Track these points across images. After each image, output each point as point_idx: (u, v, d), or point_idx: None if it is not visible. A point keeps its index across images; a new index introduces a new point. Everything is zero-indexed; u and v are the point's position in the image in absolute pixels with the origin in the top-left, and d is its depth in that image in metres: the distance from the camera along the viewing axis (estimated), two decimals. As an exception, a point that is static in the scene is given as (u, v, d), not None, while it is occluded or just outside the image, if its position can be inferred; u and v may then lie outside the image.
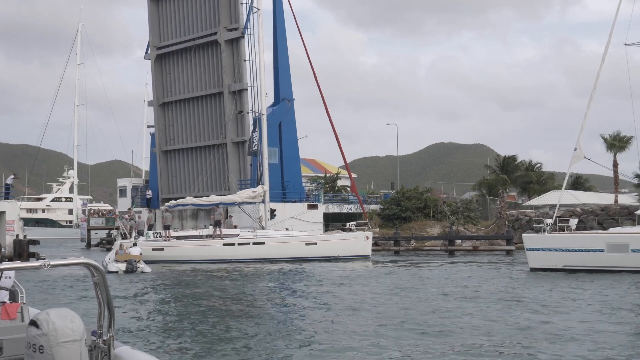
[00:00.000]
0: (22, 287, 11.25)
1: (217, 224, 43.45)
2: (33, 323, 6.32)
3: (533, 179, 75.67)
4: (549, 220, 34.47)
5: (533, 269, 32.74)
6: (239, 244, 42.05)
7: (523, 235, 35.84)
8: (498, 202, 56.52)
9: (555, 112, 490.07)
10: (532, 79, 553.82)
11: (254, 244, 42.05)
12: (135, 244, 38.47)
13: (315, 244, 42.57)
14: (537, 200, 65.50)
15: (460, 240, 51.25)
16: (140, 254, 36.62)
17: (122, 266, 34.61)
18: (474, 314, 18.68)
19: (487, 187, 72.08)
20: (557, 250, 32.46)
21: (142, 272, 34.77)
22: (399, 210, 57.19)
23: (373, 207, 62.93)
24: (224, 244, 42.05)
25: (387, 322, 17.30)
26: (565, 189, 42.67)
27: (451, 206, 58.74)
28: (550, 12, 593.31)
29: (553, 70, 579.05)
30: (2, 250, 11.04)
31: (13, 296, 10.47)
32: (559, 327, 16.44)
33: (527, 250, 33.55)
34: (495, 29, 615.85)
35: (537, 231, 35.04)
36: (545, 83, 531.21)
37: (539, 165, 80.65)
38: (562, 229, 35.46)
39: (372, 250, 44.88)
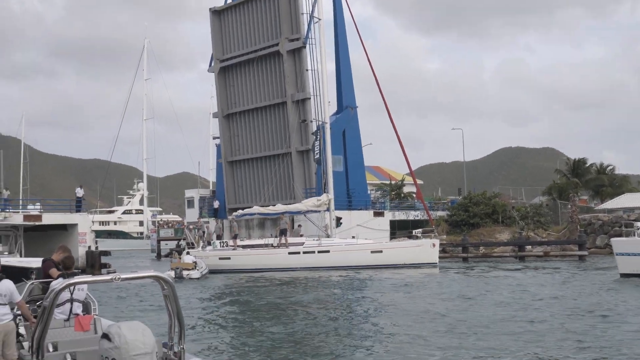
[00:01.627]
0: (94, 299, 11.42)
1: (282, 233, 43.69)
2: (105, 336, 6.37)
3: (605, 182, 73.88)
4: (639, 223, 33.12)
5: (623, 275, 31.03)
6: (304, 253, 42.11)
7: (612, 239, 34.34)
8: (569, 206, 55.30)
9: (627, 112, 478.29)
10: (601, 79, 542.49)
11: (319, 252, 42.03)
12: (188, 253, 40.93)
13: (381, 251, 42.28)
14: (610, 204, 63.84)
15: (530, 246, 50.30)
16: (194, 262, 38.58)
17: (172, 273, 36.11)
18: (582, 330, 16.91)
19: (557, 191, 70.75)
20: None
21: (190, 278, 36.50)
22: (467, 216, 56.53)
23: (440, 213, 62.34)
24: (289, 253, 42.18)
25: (471, 333, 16.92)
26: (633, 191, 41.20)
27: (520, 211, 57.78)
28: (621, 9, 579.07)
29: (623, 70, 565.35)
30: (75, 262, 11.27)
31: (86, 308, 10.58)
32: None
33: (616, 255, 31.90)
34: (562, 29, 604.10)
35: (627, 235, 33.71)
36: (615, 83, 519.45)
37: (611, 167, 78.73)
38: None
39: (440, 258, 44.38)
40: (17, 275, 10.15)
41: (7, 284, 9.88)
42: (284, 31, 56.25)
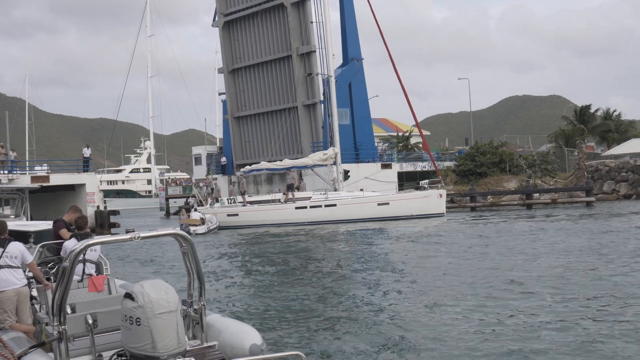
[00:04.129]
0: (106, 260, 11.48)
1: (289, 188, 43.79)
2: (128, 295, 6.38)
3: (612, 128, 73.61)
4: None
5: None
6: (311, 207, 42.21)
7: None
8: (576, 153, 55.20)
9: (633, 57, 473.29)
10: (608, 25, 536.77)
11: (325, 206, 42.12)
12: (195, 210, 42.27)
13: (388, 203, 42.30)
14: (616, 150, 63.73)
15: (538, 194, 50.31)
16: (201, 219, 40.09)
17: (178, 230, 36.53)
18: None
19: (564, 138, 70.48)
20: None
21: (196, 233, 37.80)
22: (474, 166, 56.46)
23: (448, 164, 62.35)
24: (296, 207, 42.32)
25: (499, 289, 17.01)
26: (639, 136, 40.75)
27: (527, 159, 57.65)
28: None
29: (630, 14, 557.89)
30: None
31: (98, 268, 10.65)
32: None
33: None
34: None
35: None
36: (622, 28, 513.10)
37: (617, 113, 78.33)
38: None
39: (448, 208, 44.49)
40: (16, 239, 10.10)
41: (17, 245, 9.80)
42: (288, -17, 55.62)
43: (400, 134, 75.01)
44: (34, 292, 10.06)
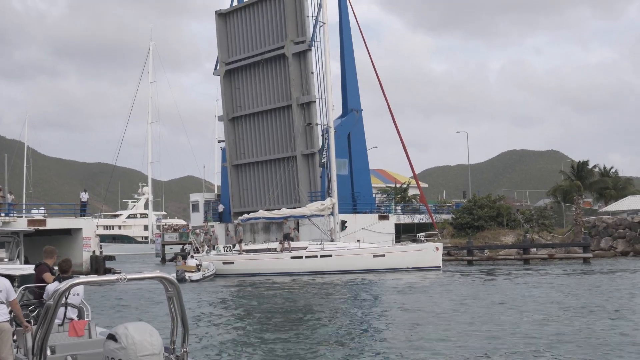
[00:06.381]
0: (88, 305, 11.31)
1: (285, 237, 43.67)
2: (111, 337, 6.21)
3: (609, 185, 73.75)
4: None
5: None
6: (307, 257, 42.06)
7: None
8: (573, 209, 55.18)
9: (633, 114, 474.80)
10: (608, 81, 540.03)
11: (321, 256, 41.96)
12: (192, 257, 42.34)
13: (384, 255, 42.16)
14: (614, 206, 63.73)
15: (535, 249, 50.15)
16: (197, 266, 40.18)
17: (174, 276, 36.54)
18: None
19: (561, 193, 70.58)
20: None
21: (191, 280, 37.98)
22: (472, 219, 56.39)
23: (445, 216, 62.25)
24: (292, 257, 42.16)
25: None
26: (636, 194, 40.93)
27: (525, 214, 57.63)
28: (630, 8, 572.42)
29: (631, 72, 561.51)
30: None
31: (80, 313, 10.48)
32: None
33: None
34: (571, 29, 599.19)
35: None
36: (622, 84, 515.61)
37: (614, 170, 78.61)
38: None
39: (445, 261, 44.25)
40: None
41: (3, 281, 9.66)
42: (290, 34, 56.26)
43: (398, 185, 75.05)
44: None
